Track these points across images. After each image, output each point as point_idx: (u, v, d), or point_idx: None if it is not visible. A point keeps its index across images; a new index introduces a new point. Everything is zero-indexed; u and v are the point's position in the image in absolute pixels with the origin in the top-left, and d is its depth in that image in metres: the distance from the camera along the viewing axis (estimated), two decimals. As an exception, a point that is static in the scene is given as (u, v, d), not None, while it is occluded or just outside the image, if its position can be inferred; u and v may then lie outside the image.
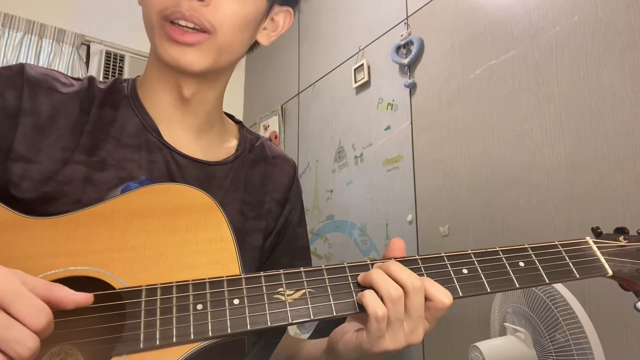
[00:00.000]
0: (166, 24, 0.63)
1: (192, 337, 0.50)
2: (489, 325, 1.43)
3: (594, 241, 0.65)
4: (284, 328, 0.65)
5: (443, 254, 0.59)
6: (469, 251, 0.60)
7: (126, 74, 3.07)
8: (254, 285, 0.54)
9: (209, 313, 0.51)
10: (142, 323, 0.50)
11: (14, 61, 2.74)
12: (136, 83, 0.74)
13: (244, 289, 0.53)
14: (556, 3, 1.65)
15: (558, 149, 1.58)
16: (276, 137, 3.15)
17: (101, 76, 2.98)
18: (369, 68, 2.46)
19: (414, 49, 2.16)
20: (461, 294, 0.56)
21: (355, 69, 2.52)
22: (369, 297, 0.53)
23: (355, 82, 2.51)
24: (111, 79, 0.74)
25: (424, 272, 0.57)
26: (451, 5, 2.05)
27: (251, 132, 0.84)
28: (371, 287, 0.54)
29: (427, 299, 0.54)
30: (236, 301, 0.52)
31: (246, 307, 0.52)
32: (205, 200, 0.59)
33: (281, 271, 0.55)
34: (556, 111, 1.60)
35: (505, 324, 1.31)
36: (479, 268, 0.58)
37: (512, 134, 1.74)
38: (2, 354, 0.41)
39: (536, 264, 0.60)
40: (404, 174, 2.17)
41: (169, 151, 0.69)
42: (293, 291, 0.54)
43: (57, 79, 0.67)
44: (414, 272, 0.55)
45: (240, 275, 0.55)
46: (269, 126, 3.23)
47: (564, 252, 0.62)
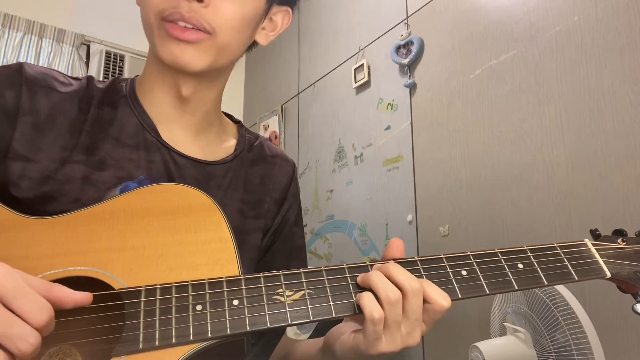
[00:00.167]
0: (165, 23, 0.63)
1: (192, 337, 0.50)
2: (489, 325, 1.43)
3: (592, 243, 0.65)
4: (283, 329, 0.65)
5: (442, 256, 0.59)
6: (468, 253, 0.60)
7: (126, 74, 3.07)
8: (253, 286, 0.54)
9: (208, 314, 0.51)
10: (141, 323, 0.50)
11: (14, 61, 2.74)
12: (135, 83, 0.73)
13: (244, 290, 0.53)
14: (556, 3, 1.65)
15: (558, 149, 1.58)
16: (276, 137, 3.15)
17: (101, 76, 2.98)
18: (369, 68, 2.46)
19: (414, 49, 2.16)
20: (460, 296, 0.56)
21: (355, 69, 2.52)
22: (366, 300, 0.53)
23: (355, 82, 2.51)
24: (110, 79, 0.74)
25: (422, 273, 0.57)
26: (451, 5, 2.05)
27: (250, 132, 0.84)
28: (370, 289, 0.54)
29: (425, 301, 0.54)
30: (235, 302, 0.52)
31: (245, 308, 0.52)
32: (204, 201, 0.59)
33: (280, 272, 0.55)
34: (556, 111, 1.60)
35: (505, 324, 1.31)
36: (477, 270, 0.58)
37: (512, 134, 1.73)
38: (4, 350, 0.41)
39: (535, 266, 0.60)
40: (404, 174, 2.17)
41: (167, 151, 0.69)
42: (292, 292, 0.54)
43: (55, 78, 0.67)
44: (413, 273, 0.55)
45: (240, 276, 0.55)
46: (269, 126, 3.23)
47: (562, 254, 0.62)
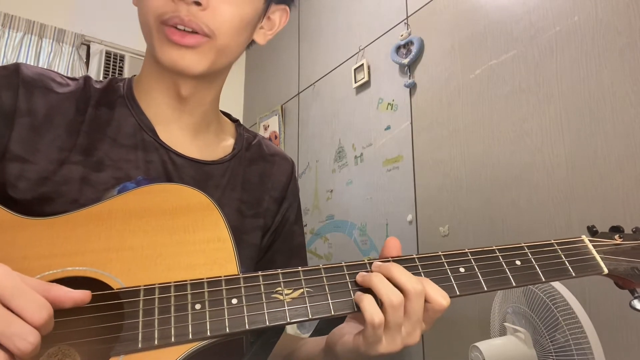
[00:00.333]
0: (165, 27, 0.63)
1: (191, 336, 0.50)
2: (489, 325, 1.43)
3: (589, 240, 0.65)
4: (282, 327, 0.65)
5: (440, 253, 0.59)
6: (466, 250, 0.60)
7: (126, 74, 3.07)
8: (252, 285, 0.54)
9: (207, 312, 0.51)
10: (140, 323, 0.50)
11: (14, 61, 2.74)
12: (132, 82, 0.73)
13: (242, 289, 0.53)
14: (556, 3, 1.65)
15: (558, 149, 1.58)
16: (276, 137, 3.15)
17: (101, 76, 2.98)
18: (369, 68, 2.46)
19: (414, 49, 2.16)
20: (458, 293, 0.57)
21: (355, 69, 2.52)
22: (367, 303, 0.52)
23: (355, 82, 2.51)
24: (107, 79, 0.74)
25: (421, 271, 0.57)
26: (451, 5, 2.05)
27: (248, 131, 0.84)
28: (370, 289, 0.54)
29: (425, 301, 0.54)
30: (234, 301, 0.52)
31: (244, 307, 0.52)
32: (202, 200, 0.59)
33: (279, 270, 0.55)
34: (556, 111, 1.60)
35: (505, 324, 1.31)
36: (475, 267, 0.59)
37: (512, 134, 1.73)
38: (3, 350, 0.41)
39: (532, 263, 0.60)
40: (404, 174, 2.17)
41: (165, 151, 0.69)
42: (291, 290, 0.54)
43: (52, 78, 0.67)
44: (411, 271, 0.55)
45: (239, 274, 0.55)
46: (269, 126, 3.23)
47: (560, 251, 0.62)
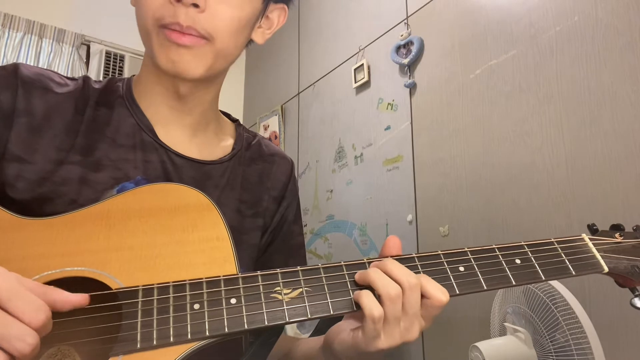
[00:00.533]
0: (164, 30, 0.63)
1: (190, 336, 0.50)
2: (489, 325, 1.42)
3: (589, 238, 0.65)
4: (281, 327, 0.65)
5: (440, 252, 0.59)
6: (466, 249, 0.60)
7: (126, 74, 3.07)
8: (251, 285, 0.54)
9: (206, 312, 0.51)
10: (139, 323, 0.50)
11: (14, 61, 2.74)
12: (131, 82, 0.73)
13: (241, 288, 0.53)
14: (556, 3, 1.65)
15: (558, 149, 1.58)
16: (276, 137, 3.15)
17: (101, 76, 2.98)
18: (369, 68, 2.46)
19: (414, 49, 2.16)
20: (458, 292, 0.57)
21: (355, 69, 2.52)
22: (365, 298, 0.53)
23: (355, 82, 2.51)
24: (106, 79, 0.74)
25: (420, 270, 0.57)
26: (451, 5, 2.05)
27: (248, 131, 0.84)
28: (369, 286, 0.54)
29: (424, 296, 0.54)
30: (233, 300, 0.52)
31: (243, 306, 0.52)
32: (201, 200, 0.59)
33: (278, 270, 0.55)
34: (556, 111, 1.60)
35: (505, 324, 1.30)
36: (475, 265, 0.59)
37: (512, 134, 1.73)
38: (3, 352, 0.41)
39: (532, 261, 0.60)
40: (404, 174, 2.17)
41: (164, 151, 0.69)
42: (290, 290, 0.54)
43: (51, 78, 0.67)
44: (411, 270, 0.55)
45: (237, 274, 0.55)
46: (269, 126, 3.23)
47: (560, 249, 0.62)
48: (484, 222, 1.78)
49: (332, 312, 0.54)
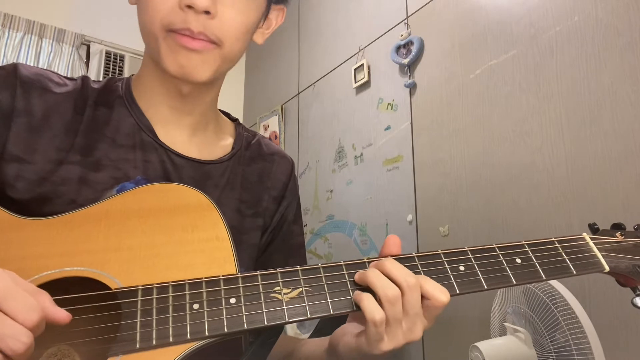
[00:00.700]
0: (174, 34, 0.62)
1: (189, 336, 0.50)
2: (489, 325, 1.42)
3: (590, 237, 0.65)
4: (281, 327, 0.65)
5: (440, 252, 0.59)
6: (466, 248, 0.60)
7: (126, 74, 3.07)
8: (250, 284, 0.54)
9: (205, 312, 0.51)
10: (138, 323, 0.50)
11: (14, 61, 2.74)
12: (130, 82, 0.73)
13: (241, 288, 0.53)
14: (556, 3, 1.65)
15: (558, 149, 1.58)
16: (276, 137, 3.15)
17: (101, 76, 2.98)
18: (369, 68, 2.46)
19: (414, 49, 2.16)
20: (458, 291, 0.56)
21: (355, 69, 2.52)
22: (366, 302, 0.53)
23: (355, 82, 2.51)
24: (105, 79, 0.74)
25: (420, 269, 0.57)
26: (451, 5, 2.05)
27: (247, 130, 0.84)
28: (368, 287, 0.54)
29: (424, 297, 0.54)
30: (233, 300, 0.52)
31: (243, 306, 0.52)
32: (201, 200, 0.59)
33: (278, 270, 0.55)
34: (556, 111, 1.60)
35: (505, 324, 1.30)
36: (475, 265, 0.58)
37: (512, 134, 1.73)
38: None
39: (533, 261, 0.60)
40: (404, 174, 2.17)
41: (164, 151, 0.69)
42: (290, 290, 0.54)
43: (50, 78, 0.67)
44: (411, 269, 0.55)
45: (237, 274, 0.55)
46: (269, 126, 3.23)
47: (560, 249, 0.62)
48: (484, 222, 1.78)
49: (331, 312, 0.53)
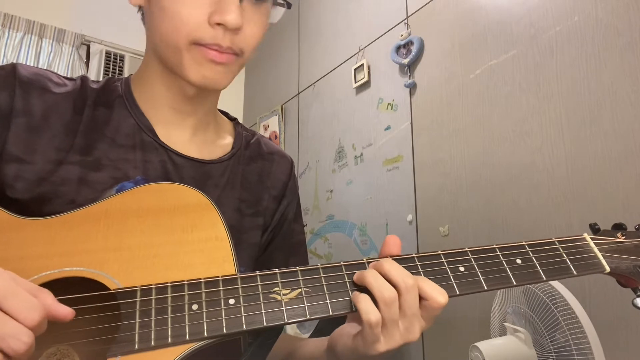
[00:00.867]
0: (200, 47, 0.63)
1: (188, 337, 0.49)
2: (489, 325, 1.42)
3: (591, 238, 0.64)
4: (280, 328, 0.65)
5: (440, 252, 0.59)
6: (466, 249, 0.60)
7: (126, 74, 3.06)
8: (249, 285, 0.53)
9: (204, 313, 0.51)
10: (136, 324, 0.49)
11: (14, 61, 2.73)
12: (130, 82, 0.73)
13: (240, 289, 0.53)
14: (556, 3, 1.65)
15: (558, 149, 1.58)
16: (276, 137, 3.15)
17: (101, 76, 2.98)
18: (369, 68, 2.46)
19: (414, 49, 2.16)
20: (458, 292, 0.56)
21: (355, 69, 2.52)
22: (362, 303, 0.52)
23: (355, 82, 2.51)
24: (104, 79, 0.74)
25: (420, 270, 0.57)
26: (451, 5, 2.05)
27: (247, 129, 0.84)
28: (365, 288, 0.54)
29: (422, 298, 0.54)
30: (232, 301, 0.52)
31: (242, 307, 0.52)
32: (200, 200, 0.59)
33: (277, 270, 0.55)
34: (556, 111, 1.60)
35: (505, 324, 1.30)
36: (475, 266, 0.58)
37: (512, 134, 1.73)
38: None
39: (533, 261, 0.60)
40: (404, 174, 2.17)
41: (164, 151, 0.69)
42: (289, 290, 0.54)
43: (49, 78, 0.66)
44: (410, 270, 0.55)
45: (236, 274, 0.54)
46: (269, 126, 3.23)
47: (561, 249, 0.62)
48: (484, 222, 1.78)
49: (331, 313, 0.53)
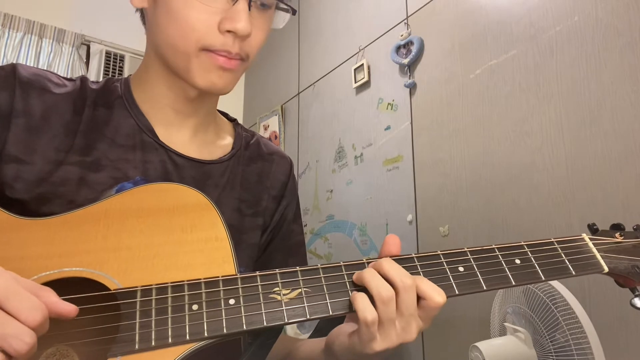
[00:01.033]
0: (209, 53, 0.63)
1: (188, 337, 0.50)
2: (489, 325, 1.42)
3: (590, 238, 0.65)
4: (280, 328, 0.66)
5: (439, 252, 0.59)
6: (465, 249, 0.60)
7: (126, 74, 3.06)
8: (249, 285, 0.53)
9: (204, 313, 0.51)
10: (137, 324, 0.49)
11: (14, 61, 2.73)
12: (129, 82, 0.73)
13: (240, 289, 0.53)
14: (556, 3, 1.65)
15: (558, 149, 1.58)
16: (276, 137, 3.15)
17: (101, 76, 2.98)
18: (369, 68, 2.46)
19: (414, 49, 2.16)
20: (457, 292, 0.56)
21: (355, 69, 2.52)
22: (359, 301, 0.52)
23: (355, 82, 2.51)
24: (103, 79, 0.74)
25: (420, 270, 0.57)
26: (451, 5, 2.05)
27: (246, 130, 0.84)
28: (365, 288, 0.54)
29: (420, 297, 0.54)
30: (232, 301, 0.52)
31: (242, 307, 0.52)
32: (200, 200, 0.59)
33: (277, 270, 0.55)
34: (556, 111, 1.60)
35: (505, 324, 1.30)
36: (475, 266, 0.58)
37: (512, 134, 1.73)
38: (0, 351, 0.40)
39: (532, 261, 0.60)
40: (404, 174, 2.17)
41: (165, 151, 0.69)
42: (289, 290, 0.54)
43: (49, 79, 0.66)
44: (410, 270, 0.55)
45: (236, 275, 0.54)
46: (269, 126, 3.23)
47: (559, 249, 0.62)
48: (484, 222, 1.78)
49: (331, 313, 0.53)
